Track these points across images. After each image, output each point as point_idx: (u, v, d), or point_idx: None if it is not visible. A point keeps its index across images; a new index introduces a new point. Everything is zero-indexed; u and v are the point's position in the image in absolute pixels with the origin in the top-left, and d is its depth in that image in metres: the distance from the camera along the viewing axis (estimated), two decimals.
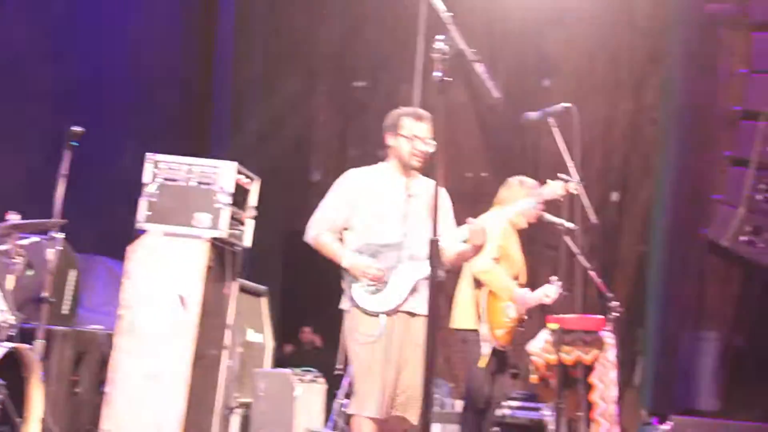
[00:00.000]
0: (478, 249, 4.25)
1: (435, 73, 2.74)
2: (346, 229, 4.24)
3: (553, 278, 5.27)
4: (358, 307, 4.07)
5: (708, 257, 8.33)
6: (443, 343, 4.29)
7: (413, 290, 4.07)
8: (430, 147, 4.14)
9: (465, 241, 4.21)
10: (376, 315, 4.02)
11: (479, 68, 2.78)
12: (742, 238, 8.06)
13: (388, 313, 4.05)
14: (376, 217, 4.12)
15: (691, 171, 8.36)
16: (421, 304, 4.10)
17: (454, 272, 5.38)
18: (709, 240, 8.27)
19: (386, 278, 4.07)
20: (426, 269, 4.06)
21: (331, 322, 4.64)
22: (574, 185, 4.47)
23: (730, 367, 8.38)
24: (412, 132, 4.14)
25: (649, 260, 8.49)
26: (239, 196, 4.87)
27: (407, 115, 4.18)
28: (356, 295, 4.08)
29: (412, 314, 4.07)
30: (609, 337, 5.54)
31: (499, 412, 7.04)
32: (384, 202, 4.11)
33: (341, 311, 4.18)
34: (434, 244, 2.70)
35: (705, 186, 8.30)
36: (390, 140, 4.24)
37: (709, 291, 8.39)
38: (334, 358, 7.75)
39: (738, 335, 8.45)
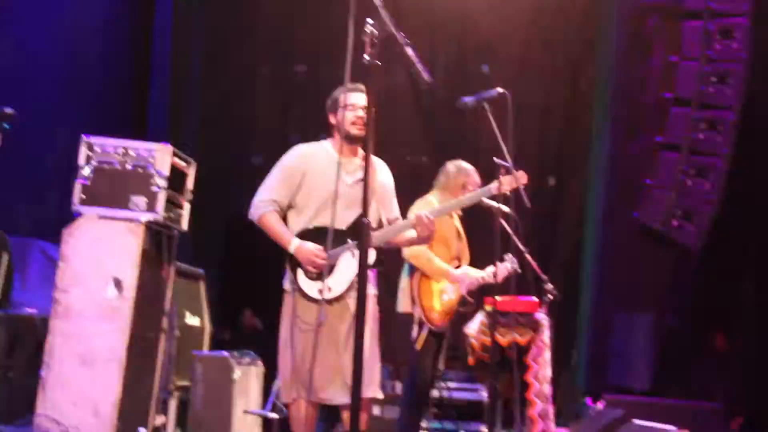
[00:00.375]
0: (425, 239, 4.28)
1: (365, 57, 2.77)
2: (291, 207, 4.23)
3: (507, 255, 5.35)
4: (300, 291, 4.06)
5: (640, 241, 8.52)
6: (382, 326, 4.33)
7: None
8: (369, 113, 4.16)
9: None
10: (318, 302, 4.01)
11: (409, 52, 2.81)
12: (673, 222, 8.27)
13: (330, 302, 4.06)
14: (321, 198, 4.09)
15: (624, 156, 8.53)
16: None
17: (400, 257, 5.44)
18: (641, 224, 8.46)
19: (331, 263, 4.06)
20: (371, 257, 4.10)
21: (271, 306, 4.64)
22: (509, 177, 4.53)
23: (662, 347, 8.57)
24: (349, 101, 4.15)
25: (584, 243, 8.66)
26: (177, 179, 4.85)
27: (344, 89, 4.18)
28: (300, 279, 4.07)
29: None
30: (544, 319, 5.66)
31: (436, 393, 7.14)
32: (329, 183, 3.98)
33: (282, 296, 4.17)
34: (365, 226, 2.73)
35: (638, 171, 8.48)
36: (332, 119, 4.25)
37: (642, 273, 8.57)
38: (274, 341, 7.76)
39: (670, 316, 8.66)
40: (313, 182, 4.15)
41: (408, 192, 5.23)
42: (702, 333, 8.22)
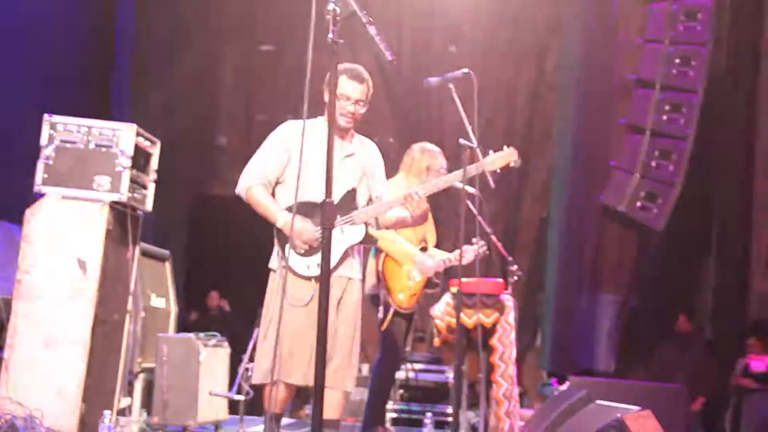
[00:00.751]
0: (418, 218, 4.26)
1: (328, 36, 2.75)
2: (279, 183, 4.19)
3: (475, 239, 5.36)
4: (289, 268, 4.00)
5: (605, 222, 8.60)
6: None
7: (345, 255, 4.06)
8: (361, 108, 4.14)
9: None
10: (308, 279, 3.99)
11: (372, 30, 2.79)
12: (637, 203, 8.35)
13: (318, 279, 4.02)
14: (310, 172, 3.96)
15: (589, 138, 8.59)
16: (353, 268, 4.13)
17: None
18: (605, 205, 8.53)
19: (319, 240, 4.03)
20: (359, 234, 4.09)
21: (238, 287, 4.62)
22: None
23: (626, 329, 8.68)
24: (345, 92, 4.11)
25: (549, 225, 8.72)
26: (141, 159, 4.79)
27: (345, 73, 4.10)
28: (289, 256, 4.04)
29: (348, 278, 4.08)
30: (509, 300, 5.69)
31: (403, 374, 7.17)
32: (319, 157, 3.85)
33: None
34: (328, 205, 2.72)
35: (602, 152, 8.55)
36: (326, 95, 4.20)
37: (606, 255, 8.66)
38: (240, 322, 7.74)
39: (634, 297, 8.76)
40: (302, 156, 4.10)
41: None
42: (665, 314, 8.33)
